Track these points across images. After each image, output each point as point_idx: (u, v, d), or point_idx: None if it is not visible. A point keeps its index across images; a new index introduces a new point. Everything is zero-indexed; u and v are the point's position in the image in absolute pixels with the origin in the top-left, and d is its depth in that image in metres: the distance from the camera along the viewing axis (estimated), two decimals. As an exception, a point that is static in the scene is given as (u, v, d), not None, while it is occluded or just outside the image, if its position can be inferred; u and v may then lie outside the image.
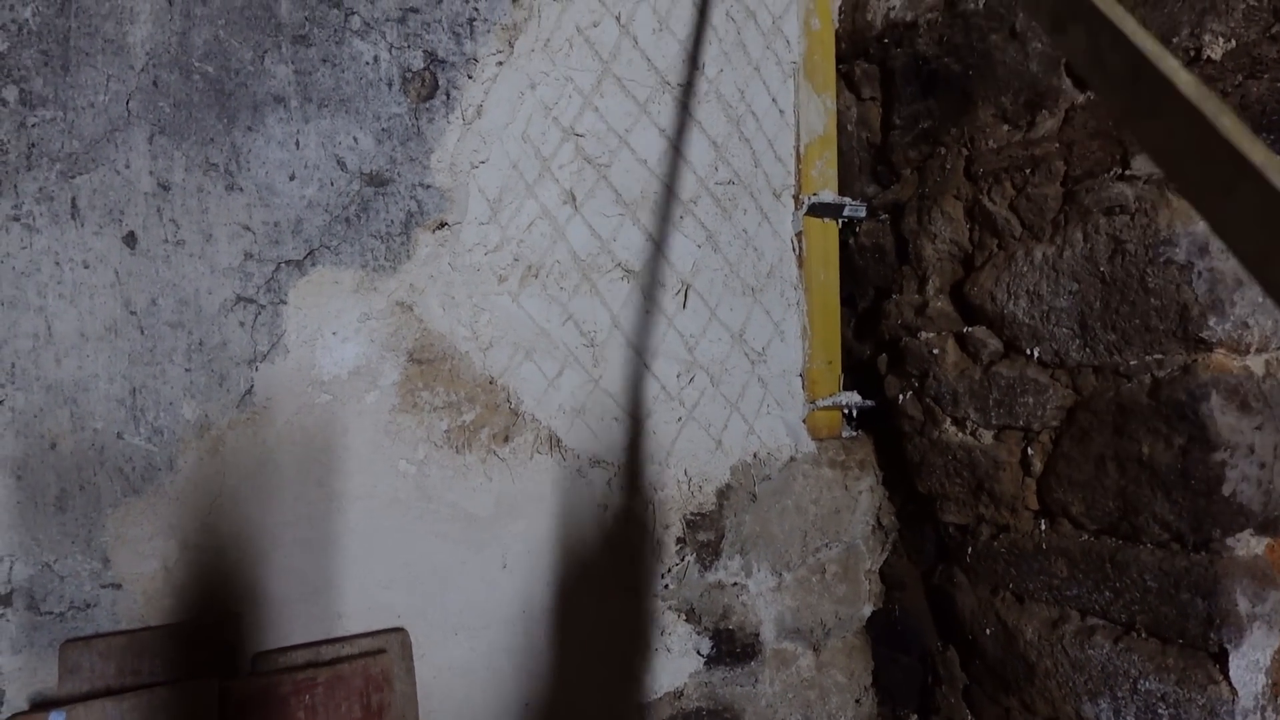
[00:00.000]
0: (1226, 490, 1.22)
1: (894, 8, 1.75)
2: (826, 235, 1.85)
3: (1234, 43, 1.19)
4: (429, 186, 1.40)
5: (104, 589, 1.20)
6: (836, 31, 1.89)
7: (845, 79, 1.89)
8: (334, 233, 1.33)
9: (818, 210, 1.82)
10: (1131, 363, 1.33)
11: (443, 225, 1.42)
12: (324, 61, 1.33)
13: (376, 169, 1.36)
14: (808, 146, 1.83)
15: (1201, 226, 1.24)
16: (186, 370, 1.24)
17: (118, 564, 1.21)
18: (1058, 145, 1.43)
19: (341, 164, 1.34)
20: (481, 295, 1.46)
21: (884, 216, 1.81)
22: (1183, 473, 1.25)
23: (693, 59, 1.68)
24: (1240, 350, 1.25)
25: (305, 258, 1.31)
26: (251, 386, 1.28)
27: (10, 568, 1.16)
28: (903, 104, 1.74)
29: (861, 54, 1.84)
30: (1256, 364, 1.27)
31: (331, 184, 1.33)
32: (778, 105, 1.80)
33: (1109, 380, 1.36)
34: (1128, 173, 1.31)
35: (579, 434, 1.55)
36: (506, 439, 1.48)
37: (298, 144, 1.30)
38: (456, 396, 1.43)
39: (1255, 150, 0.46)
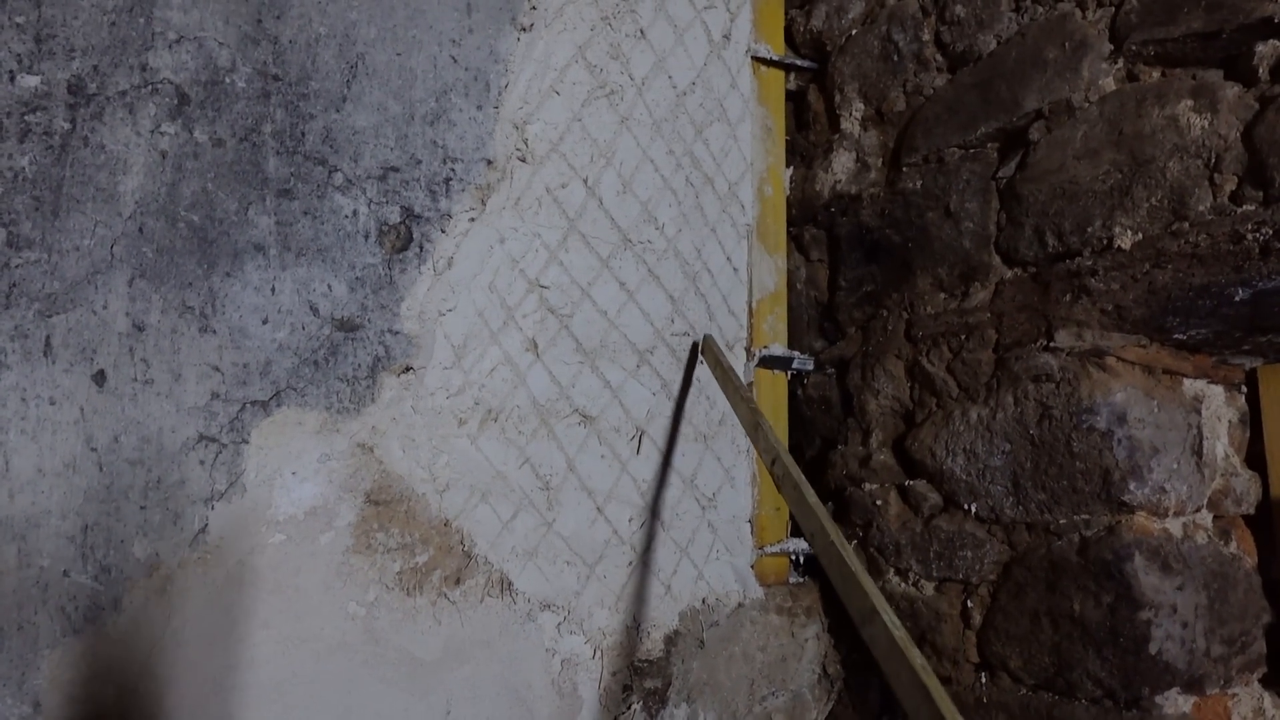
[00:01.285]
0: (1153, 649, 1.27)
1: (840, 180, 1.91)
2: (776, 386, 1.94)
3: (1141, 235, 1.33)
4: (397, 333, 1.46)
5: (30, 737, 1.16)
6: (788, 198, 2.04)
7: (795, 241, 2.03)
8: (301, 375, 1.37)
9: (768, 362, 1.91)
10: (1061, 521, 1.40)
11: (408, 369, 1.47)
12: (305, 214, 1.40)
13: (348, 315, 1.42)
14: (760, 302, 1.95)
15: (1119, 397, 1.34)
16: (141, 508, 1.24)
17: (49, 709, 1.17)
18: (989, 315, 1.55)
19: (314, 309, 1.39)
20: (441, 438, 1.49)
21: (830, 371, 1.90)
22: (1112, 630, 1.31)
23: (653, 219, 1.80)
24: (1159, 513, 1.33)
25: (271, 399, 1.34)
26: (206, 525, 1.28)
27: (-66, 711, 1.12)
28: (848, 268, 1.87)
29: (810, 220, 1.99)
30: (1175, 526, 1.35)
31: (303, 328, 1.38)
32: (732, 263, 1.91)
33: (1041, 537, 1.43)
34: (1052, 344, 1.42)
35: (530, 577, 1.56)
36: (458, 581, 1.49)
37: (273, 290, 1.36)
38: (411, 538, 1.45)
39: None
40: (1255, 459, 1.48)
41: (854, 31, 1.89)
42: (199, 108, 1.34)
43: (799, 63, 2.04)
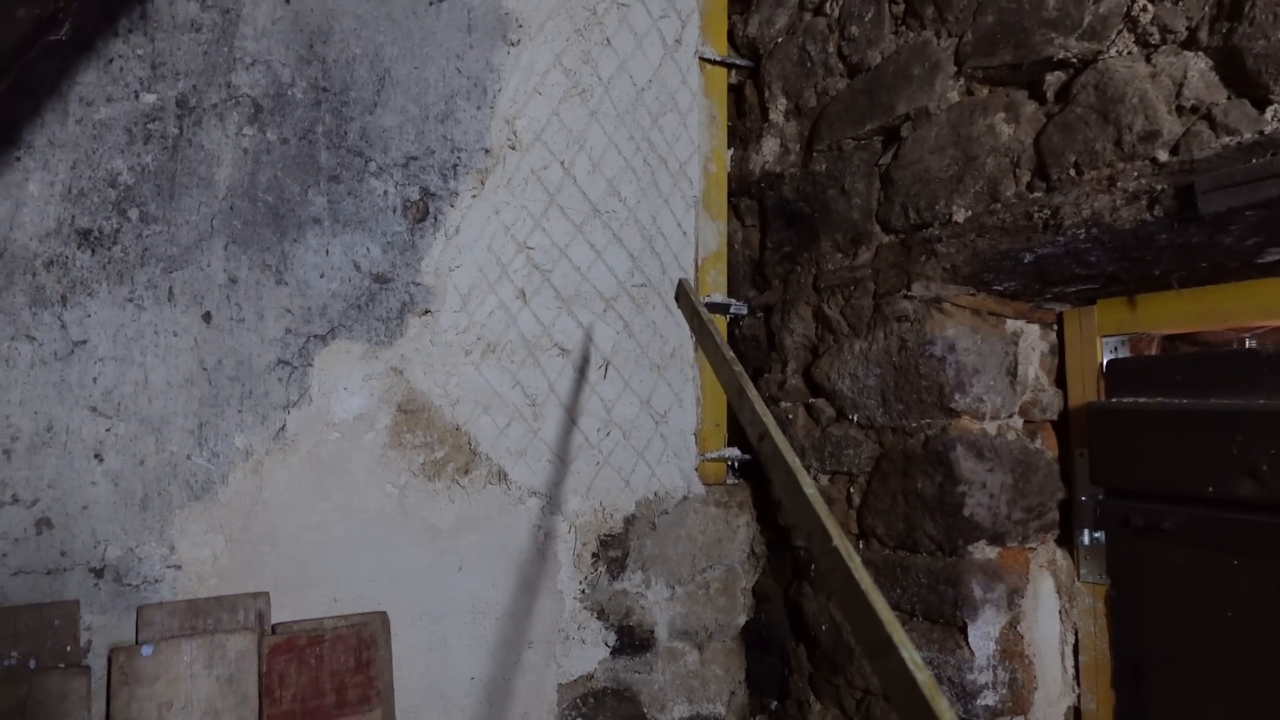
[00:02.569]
0: (966, 512, 1.78)
1: (768, 161, 2.37)
2: (718, 328, 2.41)
3: (969, 212, 1.80)
4: (419, 284, 1.93)
5: (169, 569, 1.65)
6: (728, 174, 2.50)
7: (734, 210, 2.49)
8: (349, 316, 1.84)
9: (712, 308, 2.39)
10: (913, 425, 1.90)
11: (427, 312, 1.94)
12: (349, 194, 1.86)
13: (382, 271, 1.88)
14: (704, 259, 2.42)
15: (951, 332, 1.83)
16: (239, 411, 1.72)
17: (181, 551, 1.66)
18: (871, 271, 2.02)
19: (357, 266, 1.86)
20: (452, 364, 1.97)
21: (760, 314, 2.39)
22: (940, 501, 1.81)
23: (617, 193, 2.26)
24: (978, 417, 1.83)
25: (328, 333, 1.82)
26: (284, 425, 1.76)
27: (104, 549, 1.60)
28: (773, 232, 2.34)
29: (746, 192, 2.45)
30: (990, 427, 1.85)
31: (349, 280, 1.85)
32: (682, 228, 2.38)
33: (900, 437, 1.93)
34: (909, 294, 1.90)
35: (521, 471, 2.06)
36: (467, 472, 1.98)
37: (327, 252, 1.82)
38: (431, 438, 1.93)
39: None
40: (1062, 379, 1.98)
41: (780, 40, 2.34)
42: (269, 115, 1.79)
43: (738, 62, 2.48)
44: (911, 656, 0.76)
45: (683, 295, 1.88)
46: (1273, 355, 1.59)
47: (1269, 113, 1.33)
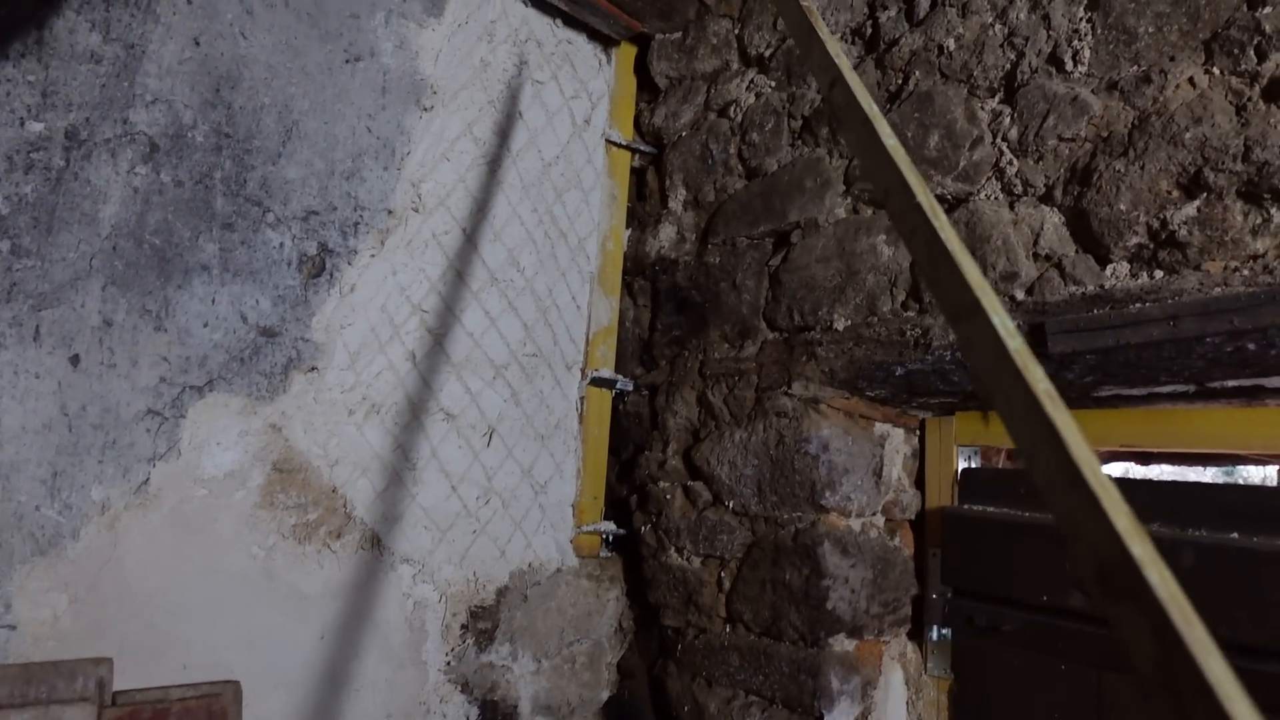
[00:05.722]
0: (829, 606, 1.87)
1: (664, 246, 2.45)
2: (602, 401, 2.46)
3: (849, 322, 1.92)
4: (308, 340, 1.89)
5: (1, 629, 1.53)
6: (625, 254, 2.57)
7: (628, 288, 2.56)
8: (230, 368, 1.78)
9: (598, 382, 2.43)
10: (785, 516, 1.99)
11: (313, 369, 1.89)
12: (242, 243, 1.81)
13: (270, 324, 1.83)
14: (595, 334, 2.47)
15: (826, 432, 1.94)
16: (99, 462, 1.62)
17: (17, 609, 1.54)
18: (755, 364, 2.12)
19: (244, 318, 1.80)
20: (335, 424, 1.93)
21: (645, 392, 2.45)
22: (806, 593, 1.90)
23: (517, 263, 2.29)
24: (846, 514, 1.94)
25: (205, 385, 1.74)
26: (148, 479, 1.67)
27: (-73, 606, 1.47)
28: (664, 314, 2.42)
29: (641, 273, 2.53)
30: (855, 524, 1.96)
31: (234, 332, 1.79)
32: (576, 302, 2.43)
33: (772, 527, 2.02)
34: (789, 391, 2.01)
35: (395, 537, 2.02)
36: (339, 536, 1.92)
37: (213, 301, 1.76)
38: (305, 500, 1.87)
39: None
40: (922, 482, 2.12)
41: (684, 133, 2.45)
42: (166, 155, 1.73)
43: (642, 148, 2.58)
44: (1003, 322, 0.67)
45: None
46: (1103, 478, 1.76)
47: (1109, 270, 1.51)
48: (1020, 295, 1.60)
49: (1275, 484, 2.18)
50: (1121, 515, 0.51)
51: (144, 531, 1.67)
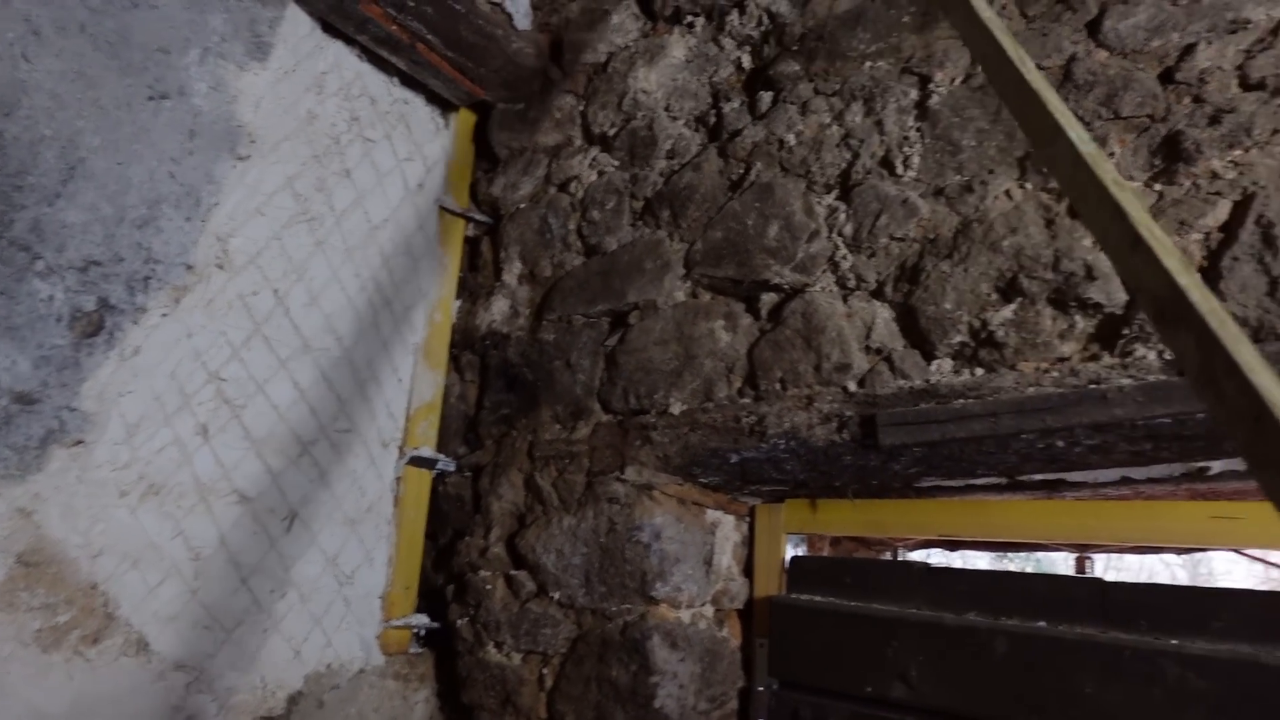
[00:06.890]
0: (657, 704, 1.78)
1: (496, 320, 2.36)
2: (421, 482, 2.29)
3: (685, 407, 1.89)
4: (75, 409, 1.63)
5: None
6: (453, 326, 2.45)
7: (455, 362, 2.43)
8: (-29, 438, 1.50)
9: (417, 461, 2.27)
10: (613, 609, 1.89)
11: (79, 443, 1.63)
12: (2, 293, 1.55)
13: (28, 390, 1.57)
14: (417, 410, 2.31)
15: (659, 520, 1.88)
16: None
17: None
18: (587, 447, 2.04)
19: (-5, 379, 1.53)
20: (102, 507, 1.66)
21: (468, 473, 2.30)
22: (633, 690, 1.80)
23: (334, 330, 2.11)
24: (676, 605, 1.87)
25: (-64, 457, 1.45)
26: None
27: None
28: (493, 392, 2.30)
29: (469, 347, 2.41)
30: (685, 615, 1.90)
31: (-20, 395, 1.51)
32: (398, 374, 2.27)
33: (599, 620, 1.91)
34: (622, 476, 1.94)
35: (168, 640, 1.75)
36: (96, 641, 1.64)
37: (-44, 357, 1.49)
38: (56, 599, 1.59)
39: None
40: (750, 570, 2.10)
41: (523, 205, 2.39)
42: (-91, 184, 1.46)
43: (478, 217, 2.49)
44: (1079, 134, 0.83)
45: None
46: (923, 569, 1.80)
47: (934, 365, 1.56)
48: (853, 387, 1.63)
49: (1073, 573, 2.32)
50: (1172, 259, 0.68)
51: None
